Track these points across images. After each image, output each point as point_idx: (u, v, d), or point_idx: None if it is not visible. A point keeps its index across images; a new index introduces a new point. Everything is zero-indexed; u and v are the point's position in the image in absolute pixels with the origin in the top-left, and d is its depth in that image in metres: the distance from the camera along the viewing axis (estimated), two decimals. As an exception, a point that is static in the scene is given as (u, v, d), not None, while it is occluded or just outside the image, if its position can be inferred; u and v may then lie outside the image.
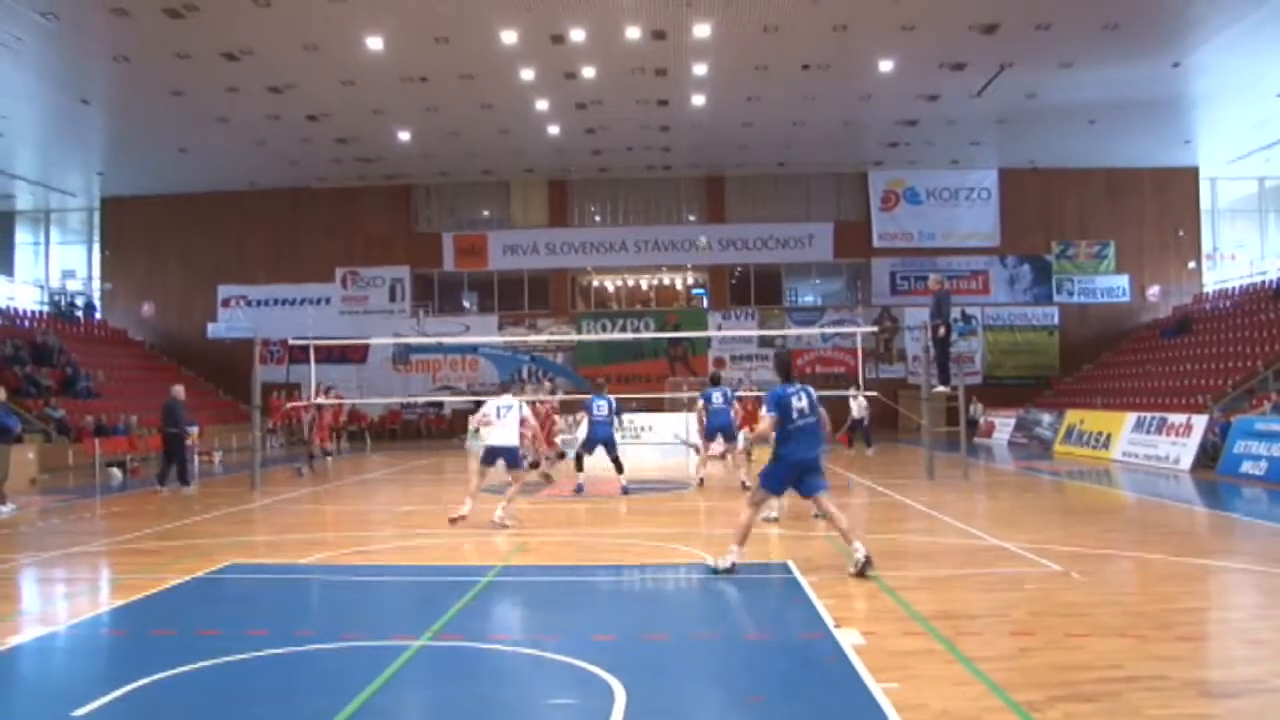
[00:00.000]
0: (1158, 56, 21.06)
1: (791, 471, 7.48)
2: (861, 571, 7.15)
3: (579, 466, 13.82)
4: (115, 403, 24.32)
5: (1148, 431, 18.23)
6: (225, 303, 32.57)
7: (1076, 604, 6.34)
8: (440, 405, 31.31)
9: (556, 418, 16.61)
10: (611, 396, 13.57)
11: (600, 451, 13.35)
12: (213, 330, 32.20)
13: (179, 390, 15.54)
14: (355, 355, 31.21)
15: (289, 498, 14.03)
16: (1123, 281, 31.67)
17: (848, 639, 5.46)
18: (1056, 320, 31.67)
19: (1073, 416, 21.66)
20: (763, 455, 7.08)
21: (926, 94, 23.97)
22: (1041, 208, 31.54)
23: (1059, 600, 6.45)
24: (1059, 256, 31.74)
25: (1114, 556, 8.07)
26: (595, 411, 13.27)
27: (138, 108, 23.32)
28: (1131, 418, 19.11)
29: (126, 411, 23.43)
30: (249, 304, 32.44)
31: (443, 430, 30.57)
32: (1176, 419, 17.66)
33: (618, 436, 13.57)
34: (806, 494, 7.61)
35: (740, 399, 15.49)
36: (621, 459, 13.54)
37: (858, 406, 20.26)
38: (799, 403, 7.48)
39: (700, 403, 13.91)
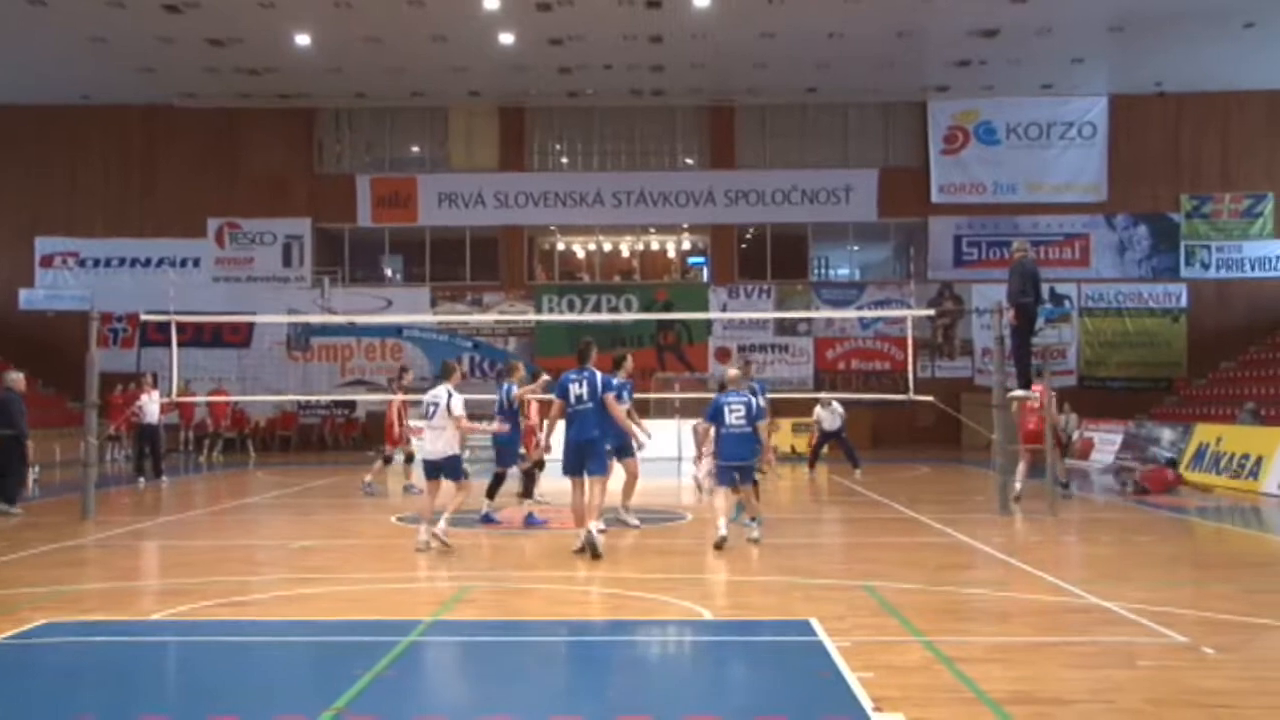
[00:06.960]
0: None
1: None
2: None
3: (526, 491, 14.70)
4: None
5: (1320, 456, 18.20)
6: (46, 260, 32.31)
7: (1212, 691, 6.26)
8: (352, 406, 31.21)
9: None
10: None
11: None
12: (28, 298, 31.96)
13: (16, 379, 15.23)
14: (235, 337, 31.15)
15: (136, 529, 13.88)
16: (1286, 249, 31.64)
17: (891, 728, 5.44)
18: (1184, 301, 31.84)
19: (1205, 433, 21.66)
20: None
21: (1011, -9, 24.03)
22: (1169, 148, 31.65)
23: (1187, 684, 6.38)
24: (1191, 215, 31.85)
25: (1266, 627, 7.99)
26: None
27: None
28: (1294, 436, 19.11)
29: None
30: (82, 264, 32.23)
31: (355, 438, 30.47)
32: (1365, 441, 17.63)
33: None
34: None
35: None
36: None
37: (829, 416, 20.14)
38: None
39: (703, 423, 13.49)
